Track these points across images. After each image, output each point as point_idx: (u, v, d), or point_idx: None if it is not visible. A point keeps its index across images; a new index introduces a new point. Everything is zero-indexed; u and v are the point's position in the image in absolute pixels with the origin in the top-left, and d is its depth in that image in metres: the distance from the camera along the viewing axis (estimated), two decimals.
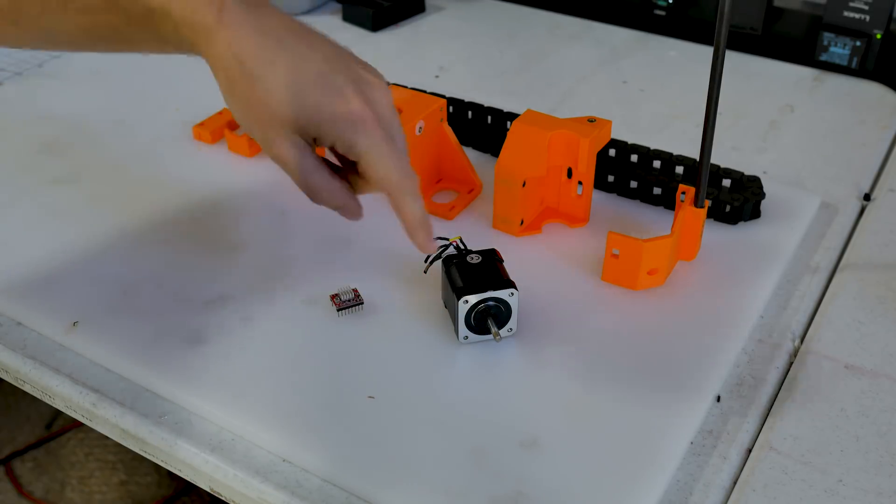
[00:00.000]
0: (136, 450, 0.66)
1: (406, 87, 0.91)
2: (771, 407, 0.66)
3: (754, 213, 0.81)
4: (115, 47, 0.60)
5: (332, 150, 0.60)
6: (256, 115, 0.56)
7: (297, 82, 0.55)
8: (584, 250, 0.78)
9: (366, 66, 0.62)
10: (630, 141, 0.84)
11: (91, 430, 0.71)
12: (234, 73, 0.55)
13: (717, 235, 0.79)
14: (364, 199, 0.85)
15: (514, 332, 0.68)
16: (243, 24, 0.54)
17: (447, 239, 0.71)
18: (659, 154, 0.83)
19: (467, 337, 0.68)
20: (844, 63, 1.06)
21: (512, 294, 0.66)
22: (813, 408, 0.65)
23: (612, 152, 0.85)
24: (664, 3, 1.16)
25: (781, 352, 0.70)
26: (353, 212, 0.61)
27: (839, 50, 1.05)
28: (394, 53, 1.14)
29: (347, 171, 0.62)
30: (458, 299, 0.66)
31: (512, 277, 0.67)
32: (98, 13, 0.56)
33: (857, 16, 1.04)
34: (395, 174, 0.58)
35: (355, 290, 0.72)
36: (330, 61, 0.58)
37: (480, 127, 0.91)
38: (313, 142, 0.58)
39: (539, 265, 0.76)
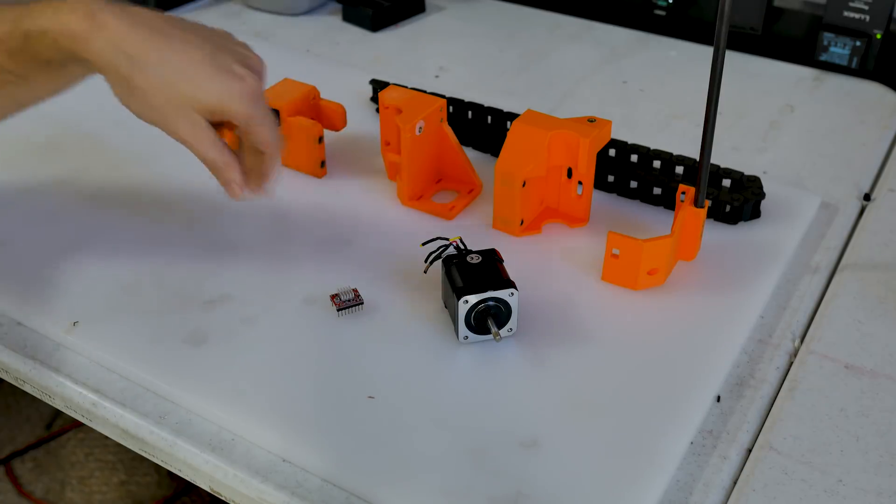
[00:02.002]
0: (136, 450, 0.66)
1: (406, 87, 0.91)
2: (771, 407, 0.66)
3: (754, 213, 0.81)
4: (9, 94, 0.64)
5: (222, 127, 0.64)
6: (154, 103, 0.59)
7: (191, 64, 0.59)
8: (584, 250, 0.78)
9: (241, 43, 0.67)
10: (630, 141, 0.84)
11: (91, 430, 0.71)
12: (124, 69, 0.58)
13: (717, 235, 0.79)
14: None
15: (514, 332, 0.68)
16: (120, 23, 0.57)
17: (447, 239, 0.71)
18: (659, 154, 0.83)
19: (467, 337, 0.68)
20: (844, 63, 1.06)
21: (512, 294, 0.66)
22: (813, 408, 0.65)
23: (612, 152, 0.85)
24: (664, 3, 1.16)
25: (781, 352, 0.70)
26: (240, 186, 0.65)
27: (839, 50, 1.05)
28: (394, 53, 1.14)
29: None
30: (458, 299, 0.66)
31: (512, 277, 0.67)
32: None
33: (857, 16, 1.04)
34: (276, 137, 0.66)
35: (355, 290, 0.72)
36: (213, 42, 0.63)
37: (480, 127, 0.91)
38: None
39: (539, 265, 0.76)
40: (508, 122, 0.89)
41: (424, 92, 0.85)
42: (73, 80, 0.65)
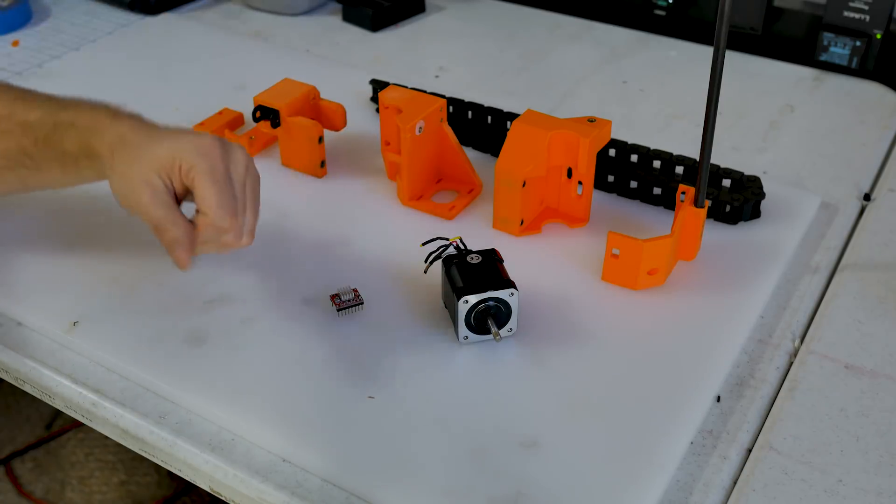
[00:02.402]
0: (136, 450, 0.66)
1: (406, 87, 0.91)
2: (771, 407, 0.66)
3: (754, 213, 0.81)
4: (20, 176, 0.70)
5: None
6: (130, 175, 0.64)
7: (174, 142, 0.64)
8: (584, 250, 0.78)
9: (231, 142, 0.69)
10: (630, 141, 0.84)
11: (91, 430, 0.71)
12: (117, 148, 0.65)
13: (717, 235, 0.79)
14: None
15: (514, 332, 0.68)
16: (128, 121, 0.67)
17: (447, 239, 0.71)
18: (659, 154, 0.83)
19: (467, 337, 0.68)
20: (844, 63, 1.06)
21: (512, 294, 0.66)
22: (813, 408, 0.65)
23: (612, 152, 0.85)
24: (664, 3, 1.16)
25: (781, 352, 0.70)
26: (186, 250, 0.64)
27: (839, 50, 1.05)
28: (394, 53, 1.14)
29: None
30: (458, 299, 0.66)
31: (512, 277, 0.67)
32: (12, 138, 0.68)
33: (857, 16, 1.04)
34: (224, 204, 0.64)
35: (355, 290, 0.72)
36: (198, 133, 0.67)
37: (480, 127, 0.91)
38: (174, 192, 0.65)
39: (539, 265, 0.76)
40: (508, 122, 0.89)
41: (424, 92, 0.85)
42: (79, 179, 0.70)
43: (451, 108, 0.91)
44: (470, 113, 0.91)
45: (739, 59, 1.10)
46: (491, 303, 0.66)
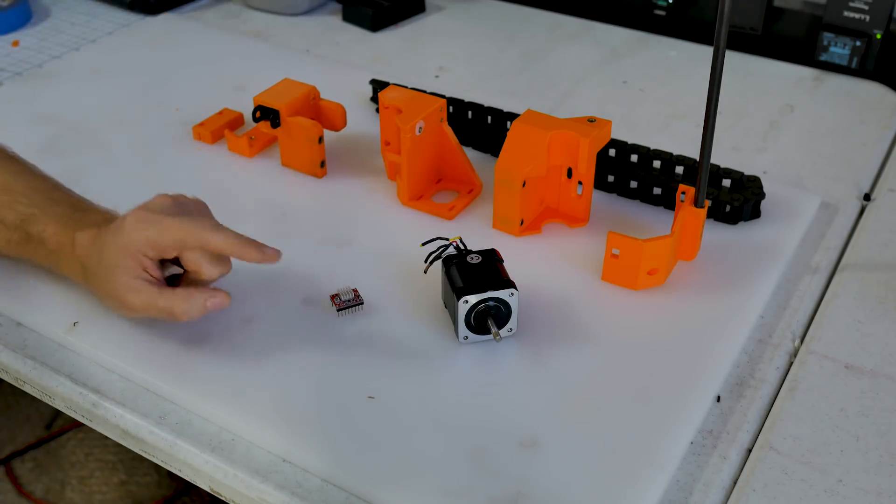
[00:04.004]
0: (136, 450, 0.66)
1: (406, 87, 0.91)
2: (771, 407, 0.66)
3: (754, 213, 0.81)
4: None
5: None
6: (109, 294, 0.66)
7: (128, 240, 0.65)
8: (584, 250, 0.78)
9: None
10: (630, 141, 0.84)
11: (91, 430, 0.71)
12: (86, 278, 0.68)
13: (717, 235, 0.79)
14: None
15: (514, 332, 0.68)
16: (85, 245, 0.67)
17: (447, 239, 0.71)
18: (659, 154, 0.83)
19: (467, 337, 0.68)
20: (844, 63, 1.06)
21: (512, 294, 0.66)
22: (813, 408, 0.65)
23: (612, 152, 0.85)
24: (664, 3, 1.16)
25: (781, 352, 0.70)
26: (197, 310, 0.65)
27: (839, 50, 1.05)
28: (394, 53, 1.14)
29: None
30: (458, 299, 0.66)
31: (512, 277, 0.67)
32: (12, 230, 0.70)
33: (857, 16, 1.04)
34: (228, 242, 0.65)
35: (355, 291, 0.72)
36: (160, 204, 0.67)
37: (480, 127, 0.91)
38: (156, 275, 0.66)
39: (539, 265, 0.76)
40: (508, 122, 0.89)
41: (424, 92, 0.85)
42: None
43: (451, 108, 0.91)
44: (470, 113, 0.91)
45: (739, 59, 1.10)
46: (491, 303, 0.66)
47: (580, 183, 0.79)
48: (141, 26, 1.20)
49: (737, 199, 0.80)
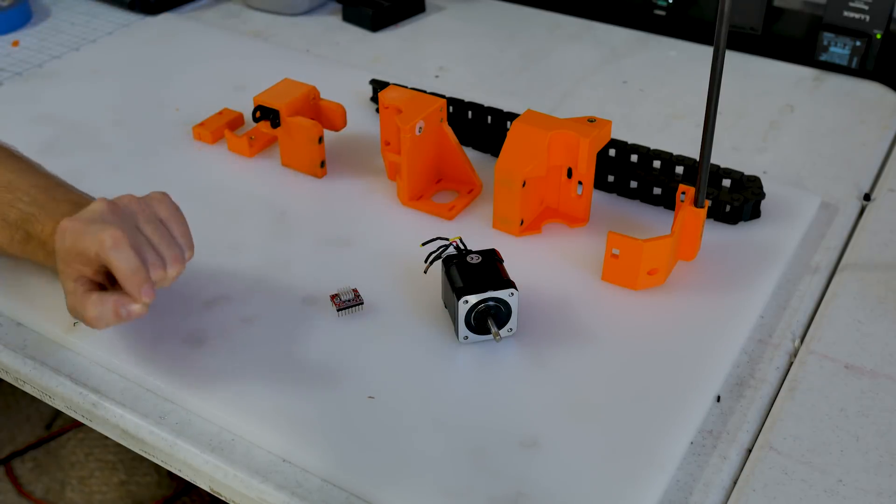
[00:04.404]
0: (136, 450, 0.66)
1: (406, 87, 0.91)
2: (771, 407, 0.66)
3: (754, 213, 0.81)
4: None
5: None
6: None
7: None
8: (584, 250, 0.78)
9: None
10: (630, 141, 0.84)
11: (91, 430, 0.71)
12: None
13: (717, 235, 0.79)
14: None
15: (514, 332, 0.68)
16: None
17: (447, 239, 0.71)
18: (659, 154, 0.83)
19: (467, 337, 0.68)
20: (844, 63, 1.06)
21: (512, 294, 0.66)
22: (813, 408, 0.65)
23: (612, 152, 0.85)
24: (664, 3, 1.16)
25: (781, 352, 0.70)
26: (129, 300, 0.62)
27: (839, 50, 1.05)
28: (394, 53, 1.14)
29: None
30: (458, 299, 0.66)
31: (512, 277, 0.67)
32: (14, 229, 0.70)
33: (857, 16, 1.04)
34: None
35: (355, 290, 0.72)
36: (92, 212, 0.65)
37: (480, 127, 0.91)
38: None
39: (539, 265, 0.76)
40: (508, 122, 0.89)
41: (424, 92, 0.85)
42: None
43: (451, 108, 0.91)
44: (470, 113, 0.91)
45: (739, 59, 1.10)
46: (491, 303, 0.66)
47: (580, 183, 0.79)
48: (141, 26, 1.20)
49: (737, 199, 0.80)
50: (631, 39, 1.16)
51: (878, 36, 1.04)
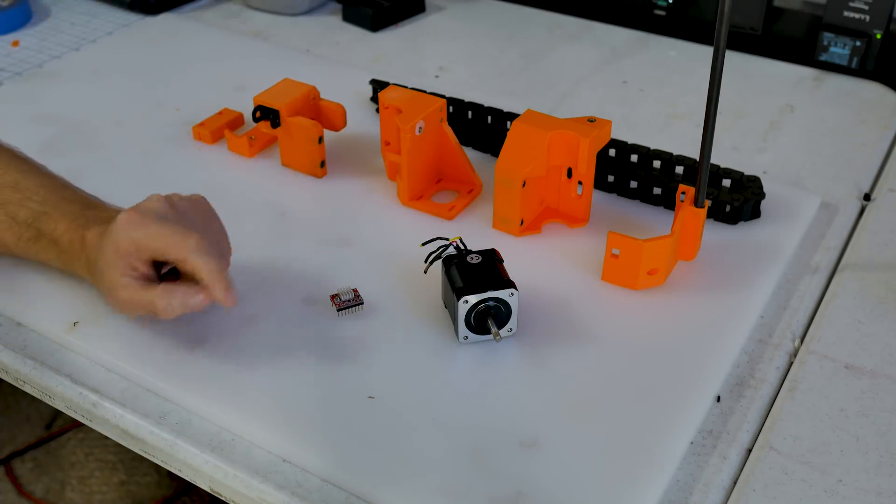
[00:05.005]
0: (136, 450, 0.66)
1: (406, 87, 0.91)
2: (771, 407, 0.66)
3: (754, 213, 0.81)
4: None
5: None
6: (102, 282, 0.67)
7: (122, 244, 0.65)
8: (584, 250, 0.78)
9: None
10: (630, 141, 0.84)
11: (91, 430, 0.71)
12: (90, 271, 0.68)
13: (717, 235, 0.79)
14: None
15: (514, 332, 0.68)
16: (93, 244, 0.67)
17: (447, 239, 0.71)
18: (659, 154, 0.83)
19: (467, 337, 0.68)
20: (844, 63, 1.06)
21: (512, 294, 0.66)
22: (813, 408, 0.65)
23: (612, 152, 0.85)
24: (664, 3, 1.16)
25: (781, 352, 0.70)
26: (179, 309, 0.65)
27: (839, 50, 1.05)
28: (394, 53, 1.14)
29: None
30: (458, 299, 0.66)
31: (512, 277, 0.67)
32: (23, 227, 0.70)
33: (857, 16, 1.04)
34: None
35: (355, 291, 0.72)
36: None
37: (480, 127, 0.91)
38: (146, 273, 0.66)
39: (539, 265, 0.76)
40: (508, 122, 0.89)
41: (424, 92, 0.85)
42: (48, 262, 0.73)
43: (451, 108, 0.91)
44: (470, 113, 0.91)
45: (739, 59, 1.10)
46: (491, 303, 0.66)
47: (580, 183, 0.79)
48: (141, 26, 1.20)
49: (737, 199, 0.80)
50: (631, 39, 1.16)
51: (878, 36, 1.04)
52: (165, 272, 0.68)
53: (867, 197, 0.87)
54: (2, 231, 0.71)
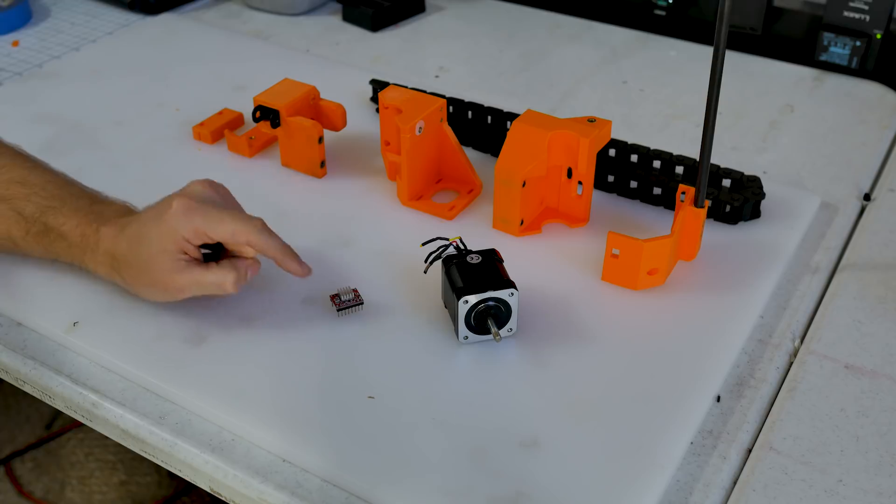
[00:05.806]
0: (136, 450, 0.66)
1: (406, 87, 0.91)
2: (771, 407, 0.66)
3: (754, 213, 0.81)
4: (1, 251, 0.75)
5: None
6: (153, 281, 0.68)
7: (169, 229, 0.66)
8: (584, 250, 0.78)
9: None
10: (630, 141, 0.84)
11: (91, 430, 0.71)
12: (117, 266, 0.68)
13: (717, 235, 0.79)
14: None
15: (514, 332, 0.68)
16: (112, 236, 0.68)
17: (447, 239, 0.71)
18: (659, 154, 0.83)
19: (467, 337, 0.68)
20: (844, 63, 1.06)
21: (512, 294, 0.66)
22: (813, 408, 0.65)
23: (612, 152, 0.85)
24: (664, 3, 1.16)
25: (781, 352, 0.70)
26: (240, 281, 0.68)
27: (839, 50, 1.05)
28: (394, 53, 1.14)
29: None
30: (458, 299, 0.66)
31: (512, 277, 0.67)
32: (3, 222, 0.71)
33: (857, 16, 1.04)
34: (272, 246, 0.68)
35: (355, 290, 0.72)
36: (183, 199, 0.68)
37: (480, 127, 0.91)
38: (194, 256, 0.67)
39: (539, 265, 0.76)
40: (508, 122, 0.89)
41: (424, 92, 0.85)
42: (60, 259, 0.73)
43: (451, 108, 0.91)
44: (470, 113, 0.91)
45: (739, 59, 1.10)
46: (491, 303, 0.66)
47: (580, 183, 0.79)
48: (141, 26, 1.20)
49: (737, 199, 0.80)
50: (631, 39, 1.16)
51: (878, 36, 1.04)
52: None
53: (867, 197, 0.87)
54: (9, 226, 0.71)
